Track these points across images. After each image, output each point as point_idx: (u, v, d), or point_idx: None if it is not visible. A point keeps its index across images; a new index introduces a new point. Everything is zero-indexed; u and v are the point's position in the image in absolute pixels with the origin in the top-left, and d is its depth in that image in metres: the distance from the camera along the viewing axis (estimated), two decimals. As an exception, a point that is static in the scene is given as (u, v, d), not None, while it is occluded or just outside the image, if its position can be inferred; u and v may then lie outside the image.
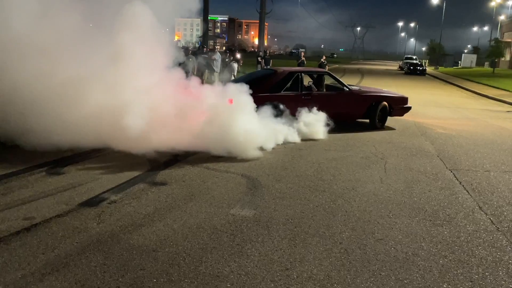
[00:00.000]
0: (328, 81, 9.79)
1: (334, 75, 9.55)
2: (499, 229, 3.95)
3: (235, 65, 14.41)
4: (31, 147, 5.85)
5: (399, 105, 9.84)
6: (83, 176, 5.00)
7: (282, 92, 8.25)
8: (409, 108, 10.12)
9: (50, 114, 6.03)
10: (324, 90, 9.41)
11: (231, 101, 6.64)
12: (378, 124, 9.39)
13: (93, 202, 4.22)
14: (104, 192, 4.49)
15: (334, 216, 4.12)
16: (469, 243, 3.63)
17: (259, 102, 7.21)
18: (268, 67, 21.87)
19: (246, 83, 7.54)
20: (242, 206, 4.25)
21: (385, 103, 9.42)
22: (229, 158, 6.10)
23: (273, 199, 4.52)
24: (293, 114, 7.84)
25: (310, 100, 8.38)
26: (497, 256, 3.41)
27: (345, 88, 9.23)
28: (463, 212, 4.36)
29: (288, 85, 8.43)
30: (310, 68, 12.59)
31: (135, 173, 5.21)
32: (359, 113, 9.35)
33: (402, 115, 10.10)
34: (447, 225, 4.01)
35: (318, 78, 9.55)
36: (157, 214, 3.98)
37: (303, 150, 6.89)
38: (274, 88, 8.25)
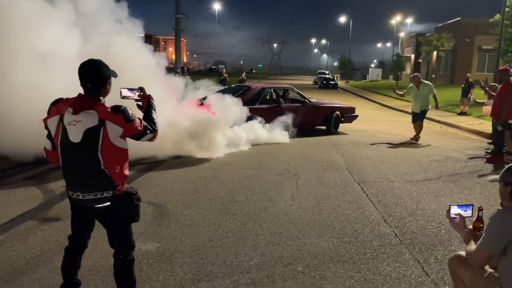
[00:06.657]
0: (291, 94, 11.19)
1: (297, 90, 11.17)
2: (402, 242, 4.05)
3: None
4: None
5: (349, 114, 11.61)
6: (-42, 217, 4.31)
7: (257, 105, 9.61)
8: (356, 116, 11.89)
9: None
10: (289, 102, 10.69)
11: (214, 114, 7.85)
12: (333, 130, 10.99)
13: (-35, 249, 3.62)
14: (-18, 235, 3.89)
15: (243, 242, 3.94)
16: (374, 260, 3.64)
17: None
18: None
19: None
20: (145, 239, 3.91)
21: (338, 112, 11.13)
22: (137, 184, 5.71)
23: (180, 228, 4.24)
24: (268, 122, 9.36)
25: (279, 111, 9.83)
26: (401, 271, 3.46)
27: (306, 100, 10.86)
28: (369, 227, 4.43)
29: (261, 98, 9.91)
30: (277, 84, 14.15)
31: (24, 209, 4.63)
32: (318, 121, 11.01)
33: (351, 122, 11.80)
34: (354, 241, 4.03)
35: (284, 93, 10.93)
36: (43, 257, 3.50)
37: (217, 170, 6.70)
38: (250, 101, 9.46)
